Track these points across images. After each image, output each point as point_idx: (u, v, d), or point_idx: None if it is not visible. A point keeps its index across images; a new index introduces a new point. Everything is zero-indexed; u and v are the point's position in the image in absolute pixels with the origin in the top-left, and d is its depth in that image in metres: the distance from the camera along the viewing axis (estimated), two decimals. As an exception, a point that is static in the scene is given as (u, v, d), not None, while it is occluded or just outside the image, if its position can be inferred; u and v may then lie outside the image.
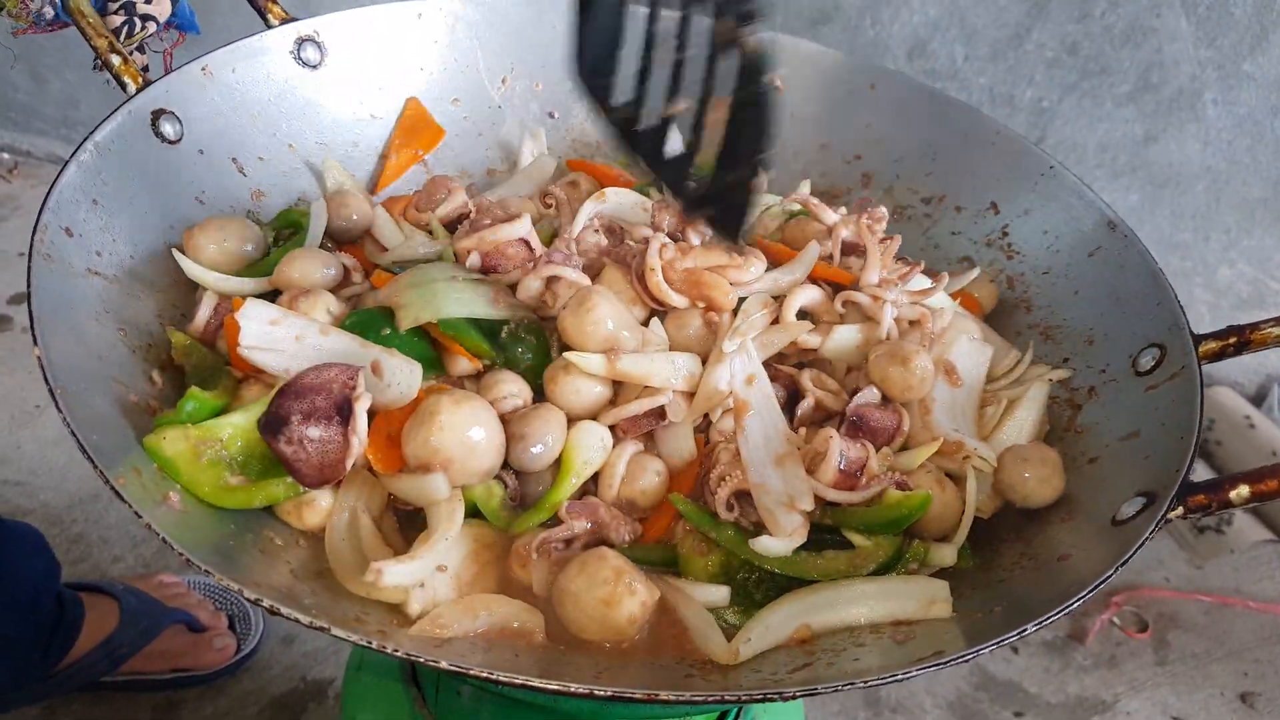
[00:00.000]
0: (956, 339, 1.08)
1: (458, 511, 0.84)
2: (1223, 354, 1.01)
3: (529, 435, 0.90)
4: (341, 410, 0.81)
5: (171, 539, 0.69)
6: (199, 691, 1.98)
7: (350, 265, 1.06)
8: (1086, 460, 1.00)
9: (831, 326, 1.05)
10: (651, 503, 0.95)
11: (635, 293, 1.03)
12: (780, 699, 0.68)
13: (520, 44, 1.39)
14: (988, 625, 0.81)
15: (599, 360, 0.93)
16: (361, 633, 0.67)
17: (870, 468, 0.91)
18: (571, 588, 0.82)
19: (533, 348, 0.99)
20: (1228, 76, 2.41)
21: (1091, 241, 1.18)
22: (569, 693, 0.65)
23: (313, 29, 1.21)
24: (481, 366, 0.98)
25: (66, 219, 0.91)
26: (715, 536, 0.89)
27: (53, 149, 3.34)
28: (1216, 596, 2.57)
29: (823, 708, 2.21)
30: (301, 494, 0.85)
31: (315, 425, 0.81)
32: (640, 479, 0.93)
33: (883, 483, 0.90)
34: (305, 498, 0.85)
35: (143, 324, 0.95)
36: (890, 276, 1.08)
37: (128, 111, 1.01)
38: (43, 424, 2.50)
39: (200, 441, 0.83)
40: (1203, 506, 0.84)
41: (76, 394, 0.78)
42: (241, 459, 0.85)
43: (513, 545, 0.88)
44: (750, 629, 0.82)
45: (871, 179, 1.39)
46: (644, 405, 0.94)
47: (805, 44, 1.43)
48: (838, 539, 0.91)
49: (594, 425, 0.94)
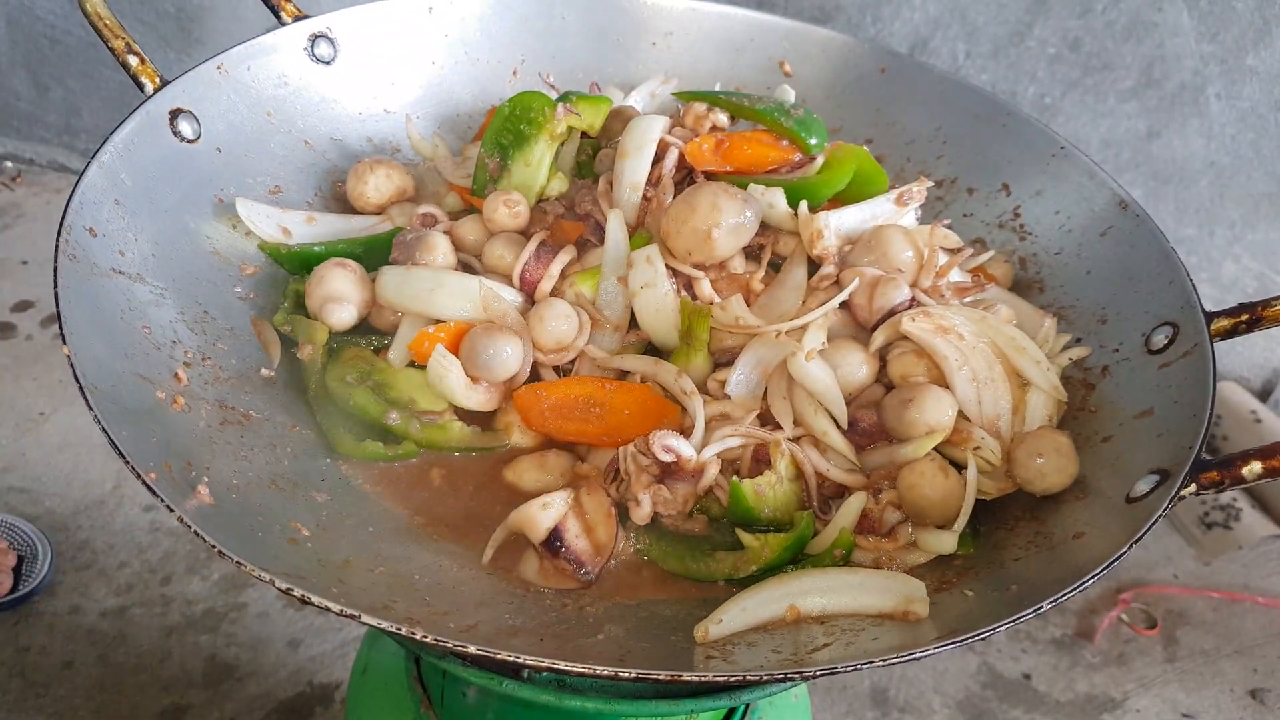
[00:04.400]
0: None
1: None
2: (1235, 331, 1.01)
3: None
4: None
5: (203, 532, 0.71)
6: (205, 696, 2.02)
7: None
8: (1100, 439, 1.01)
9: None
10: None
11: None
12: (801, 679, 0.69)
13: (530, 35, 1.40)
14: (1003, 604, 0.82)
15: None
16: (391, 620, 0.69)
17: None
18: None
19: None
20: (1230, 71, 2.40)
21: (1103, 221, 1.19)
22: (594, 674, 0.66)
23: (325, 25, 1.22)
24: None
25: (90, 219, 0.92)
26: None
27: (55, 157, 3.37)
28: (1225, 593, 2.57)
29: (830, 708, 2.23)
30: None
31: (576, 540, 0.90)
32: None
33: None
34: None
35: (166, 322, 0.97)
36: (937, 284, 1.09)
37: (146, 112, 1.03)
38: (47, 431, 2.52)
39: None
40: (1215, 483, 0.85)
41: (105, 392, 0.79)
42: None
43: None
44: (723, 610, 0.83)
45: (883, 162, 1.39)
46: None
47: (814, 29, 1.44)
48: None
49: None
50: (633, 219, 1.10)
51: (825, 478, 0.97)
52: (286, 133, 1.20)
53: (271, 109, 1.18)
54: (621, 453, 0.95)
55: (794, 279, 1.07)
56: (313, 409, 1.02)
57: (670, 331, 1.03)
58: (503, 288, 1.05)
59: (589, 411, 1.00)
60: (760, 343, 1.00)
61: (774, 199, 1.07)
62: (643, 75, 1.43)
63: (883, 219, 1.11)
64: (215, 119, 1.10)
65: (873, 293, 1.03)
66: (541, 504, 0.89)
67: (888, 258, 1.05)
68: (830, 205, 1.10)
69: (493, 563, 0.91)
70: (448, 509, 0.97)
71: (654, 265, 1.02)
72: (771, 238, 1.09)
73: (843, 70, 1.43)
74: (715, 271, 1.06)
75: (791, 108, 1.18)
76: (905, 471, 0.95)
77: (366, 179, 1.18)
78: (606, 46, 1.44)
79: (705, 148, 1.12)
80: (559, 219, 1.14)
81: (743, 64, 1.47)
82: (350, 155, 1.25)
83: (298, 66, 1.20)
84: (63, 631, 2.17)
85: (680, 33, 1.46)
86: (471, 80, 1.37)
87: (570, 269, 1.09)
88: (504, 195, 1.11)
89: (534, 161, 1.15)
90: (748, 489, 0.92)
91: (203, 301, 1.02)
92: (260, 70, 1.16)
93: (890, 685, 2.27)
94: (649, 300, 1.02)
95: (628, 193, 1.10)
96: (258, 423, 0.96)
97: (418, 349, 1.02)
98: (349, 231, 1.17)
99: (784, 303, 1.05)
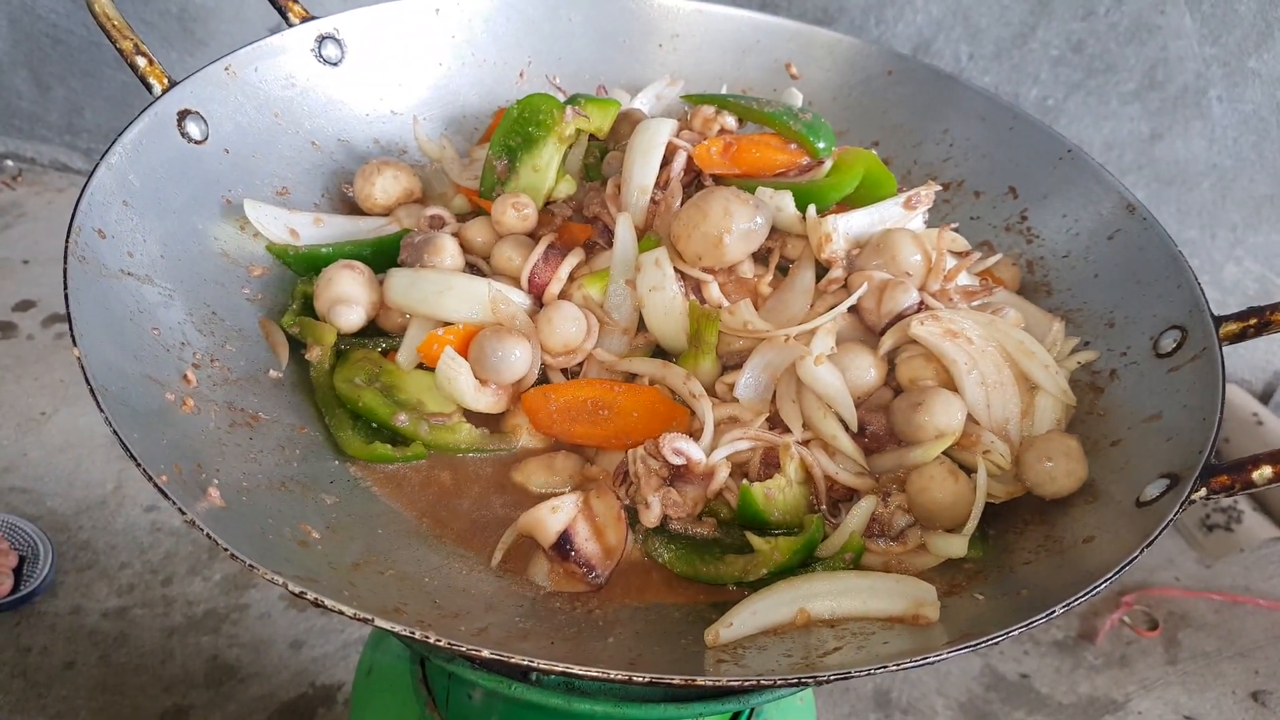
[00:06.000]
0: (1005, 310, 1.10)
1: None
2: (1243, 335, 1.01)
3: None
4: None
5: (215, 534, 0.71)
6: (207, 697, 2.02)
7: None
8: (1109, 443, 1.01)
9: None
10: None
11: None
12: (814, 683, 0.69)
13: (536, 37, 1.40)
14: (1014, 608, 0.82)
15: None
16: (403, 623, 0.69)
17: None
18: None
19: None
20: (1233, 73, 2.40)
21: (1111, 225, 1.19)
22: (608, 679, 0.66)
23: (333, 26, 1.22)
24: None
25: (99, 220, 0.92)
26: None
27: (57, 156, 3.36)
28: (1227, 595, 2.58)
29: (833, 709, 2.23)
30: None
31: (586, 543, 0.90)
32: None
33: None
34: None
35: (174, 323, 0.96)
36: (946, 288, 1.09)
37: (154, 113, 1.03)
38: (49, 431, 2.52)
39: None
40: (1226, 487, 0.85)
41: (116, 394, 0.79)
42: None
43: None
44: (734, 614, 0.83)
45: (890, 165, 1.40)
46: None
47: (821, 31, 1.44)
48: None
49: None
50: (641, 222, 1.10)
51: (834, 481, 0.97)
52: (294, 134, 1.20)
53: (279, 110, 1.18)
54: (631, 455, 0.95)
55: (802, 282, 1.07)
56: (321, 411, 1.02)
57: (679, 335, 1.03)
58: (511, 290, 1.05)
59: (597, 414, 1.00)
60: (769, 346, 1.00)
61: (782, 202, 1.07)
62: (649, 77, 1.43)
63: (891, 222, 1.11)
64: (223, 120, 1.10)
65: (881, 296, 1.03)
66: (551, 507, 0.89)
67: (896, 261, 1.05)
68: (838, 209, 1.11)
69: (502, 565, 0.91)
70: (456, 511, 0.97)
71: (662, 268, 1.02)
72: (780, 241, 1.10)
73: (849, 73, 1.43)
74: (724, 275, 1.06)
75: (799, 111, 1.18)
76: (915, 475, 0.95)
77: (374, 180, 1.18)
78: (613, 48, 1.44)
79: (713, 151, 1.12)
80: (567, 221, 1.14)
81: (749, 66, 1.47)
82: (357, 156, 1.25)
83: (305, 68, 1.20)
84: (64, 632, 2.17)
85: (687, 34, 1.46)
86: (478, 82, 1.37)
87: (579, 271, 1.09)
88: (512, 197, 1.11)
89: (542, 164, 1.14)
90: (757, 492, 0.92)
91: (211, 303, 1.02)
92: (268, 71, 1.16)
93: (893, 687, 2.27)
94: (657, 303, 1.02)
95: (636, 195, 1.10)
96: (266, 424, 0.96)
97: (426, 351, 1.02)
98: (357, 233, 1.17)
99: (792, 306, 1.05)
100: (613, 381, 1.03)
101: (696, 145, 1.12)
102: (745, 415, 0.99)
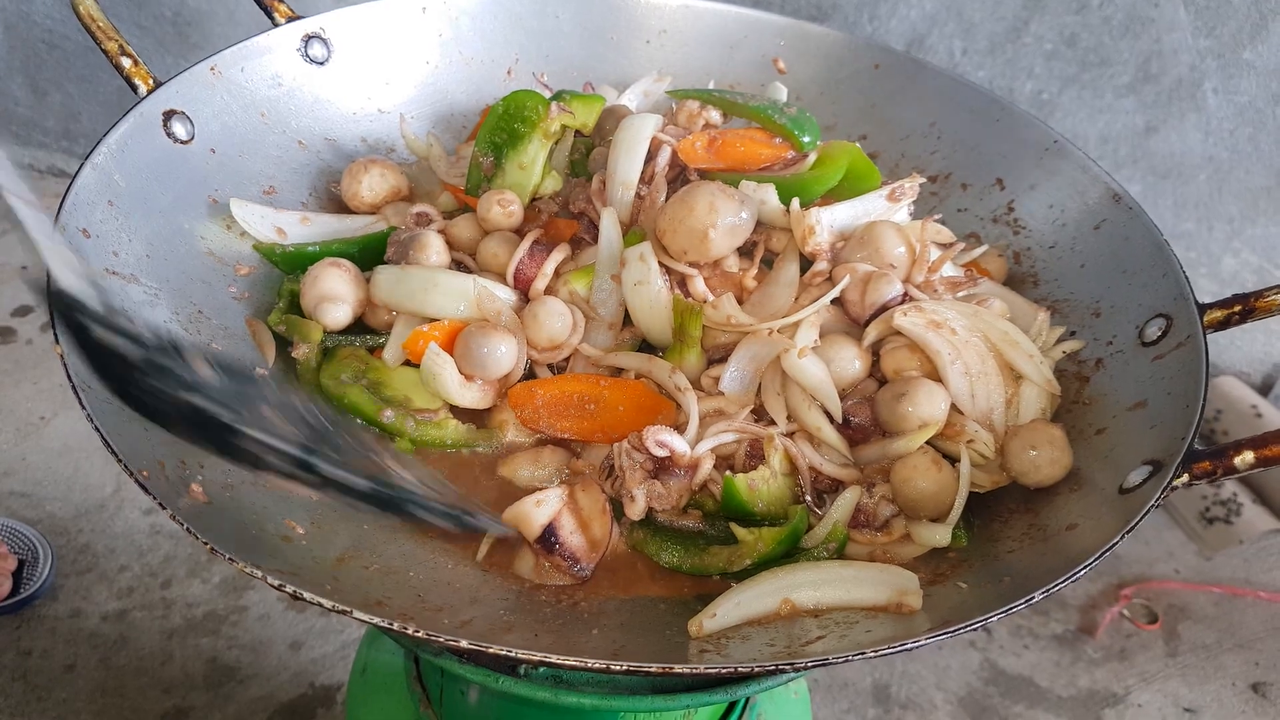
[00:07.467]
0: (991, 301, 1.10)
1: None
2: (1228, 322, 1.01)
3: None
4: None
5: (195, 530, 0.71)
6: (206, 699, 2.02)
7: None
8: (1094, 431, 1.01)
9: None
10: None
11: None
12: (792, 670, 0.70)
13: (523, 34, 1.40)
14: (997, 596, 0.82)
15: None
16: (383, 616, 0.69)
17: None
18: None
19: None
20: (1227, 65, 2.40)
21: (1097, 215, 1.19)
22: (586, 668, 0.67)
23: (319, 26, 1.22)
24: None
25: (83, 220, 0.93)
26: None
27: (54, 161, 3.37)
28: (1226, 587, 2.58)
29: (832, 704, 2.22)
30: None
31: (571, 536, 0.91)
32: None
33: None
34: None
35: (160, 322, 0.97)
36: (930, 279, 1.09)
37: (139, 113, 1.03)
38: (48, 435, 2.53)
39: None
40: (1208, 473, 0.85)
41: (98, 392, 0.80)
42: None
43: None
44: (718, 605, 0.83)
45: (877, 159, 1.40)
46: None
47: (809, 26, 1.44)
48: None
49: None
50: (626, 217, 1.10)
51: (819, 472, 0.97)
52: (281, 133, 1.20)
53: (265, 110, 1.18)
54: (616, 449, 0.95)
55: (786, 275, 1.07)
56: (308, 408, 1.02)
57: (664, 329, 1.03)
58: (497, 286, 1.06)
59: (583, 408, 1.00)
60: (753, 340, 1.00)
61: (766, 196, 1.07)
62: (636, 73, 1.43)
63: (875, 215, 1.11)
64: (209, 120, 1.11)
65: (865, 288, 1.03)
66: (536, 500, 0.89)
67: (880, 253, 1.05)
68: (823, 202, 1.11)
69: (487, 559, 0.91)
70: (443, 506, 0.97)
71: (647, 263, 1.02)
72: (764, 235, 1.10)
73: (837, 67, 1.43)
74: (709, 269, 1.06)
75: (785, 105, 1.18)
76: (899, 465, 0.95)
77: (361, 179, 1.18)
78: (600, 45, 1.45)
79: (698, 145, 1.13)
80: (553, 217, 1.14)
81: (737, 61, 1.47)
82: (345, 155, 1.26)
83: (291, 67, 1.21)
84: (64, 635, 2.17)
85: (674, 30, 1.46)
86: (465, 79, 1.37)
87: (564, 267, 1.09)
88: (498, 194, 1.11)
89: (528, 160, 1.15)
90: (741, 483, 0.92)
91: (197, 302, 1.02)
92: (254, 71, 1.17)
93: (892, 682, 2.27)
94: (642, 298, 1.03)
95: (621, 191, 1.10)
96: (253, 422, 0.96)
97: (412, 347, 1.02)
98: (344, 231, 1.17)
99: (777, 299, 1.05)
100: (599, 376, 1.03)
101: (681, 140, 1.13)
102: (730, 408, 1.00)
